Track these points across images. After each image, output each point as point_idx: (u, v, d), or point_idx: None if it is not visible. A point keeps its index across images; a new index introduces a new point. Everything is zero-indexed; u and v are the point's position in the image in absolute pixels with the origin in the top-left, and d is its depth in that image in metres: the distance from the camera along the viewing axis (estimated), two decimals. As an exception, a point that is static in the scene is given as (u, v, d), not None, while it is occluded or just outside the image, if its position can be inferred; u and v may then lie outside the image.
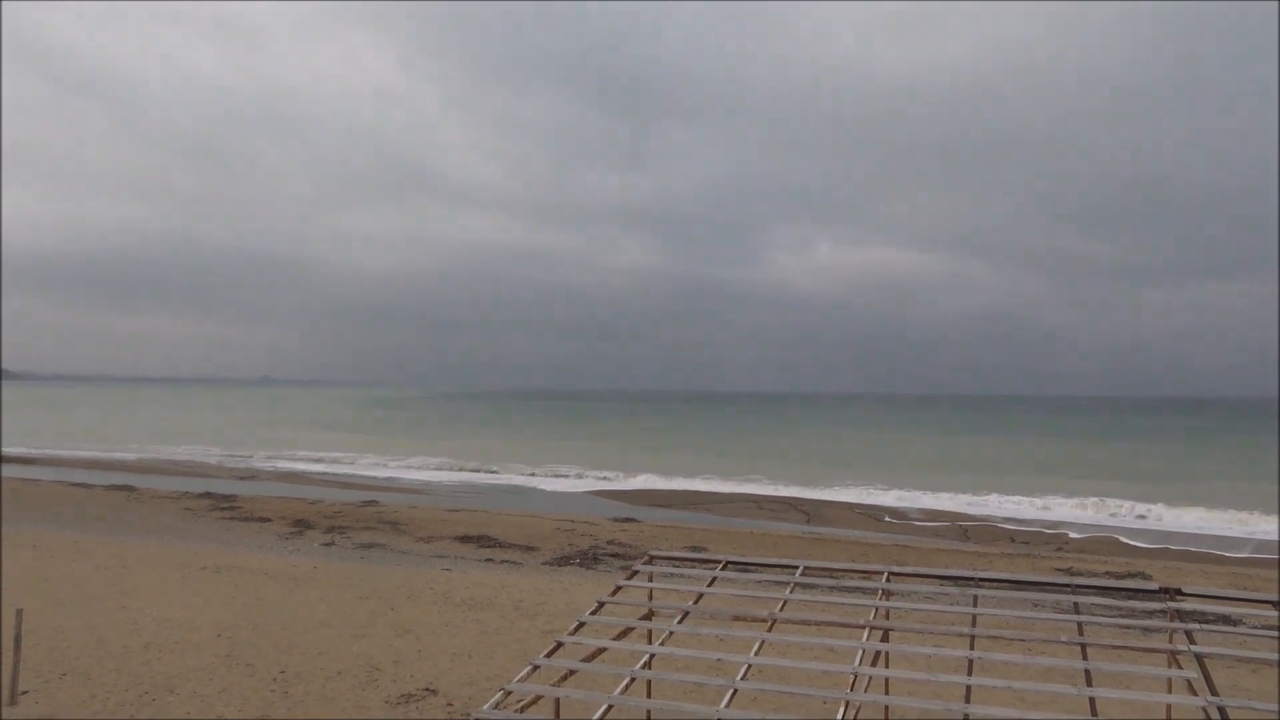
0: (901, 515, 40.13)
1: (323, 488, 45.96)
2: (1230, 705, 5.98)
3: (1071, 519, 39.94)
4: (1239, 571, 26.24)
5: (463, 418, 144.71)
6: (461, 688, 11.98)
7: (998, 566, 24.73)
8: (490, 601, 17.63)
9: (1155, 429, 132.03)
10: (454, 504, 39.16)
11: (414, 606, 16.93)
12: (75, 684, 11.60)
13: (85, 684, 11.62)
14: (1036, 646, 11.78)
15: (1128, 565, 26.30)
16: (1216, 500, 44.40)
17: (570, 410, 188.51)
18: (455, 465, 60.82)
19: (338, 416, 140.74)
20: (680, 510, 40.59)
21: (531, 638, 14.81)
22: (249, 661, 12.87)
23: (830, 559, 25.24)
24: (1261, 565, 28.79)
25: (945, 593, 8.74)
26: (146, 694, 11.31)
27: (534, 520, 32.78)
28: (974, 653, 6.99)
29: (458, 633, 15.04)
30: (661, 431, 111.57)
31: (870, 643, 7.39)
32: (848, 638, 9.12)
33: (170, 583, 18.38)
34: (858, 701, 6.56)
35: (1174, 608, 7.82)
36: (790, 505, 42.56)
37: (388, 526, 29.46)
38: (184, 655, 13.09)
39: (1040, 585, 8.93)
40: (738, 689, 6.62)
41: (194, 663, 12.71)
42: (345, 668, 12.73)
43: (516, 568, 22.90)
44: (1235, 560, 29.96)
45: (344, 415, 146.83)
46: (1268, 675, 13.33)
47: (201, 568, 20.25)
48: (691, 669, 9.38)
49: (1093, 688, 6.43)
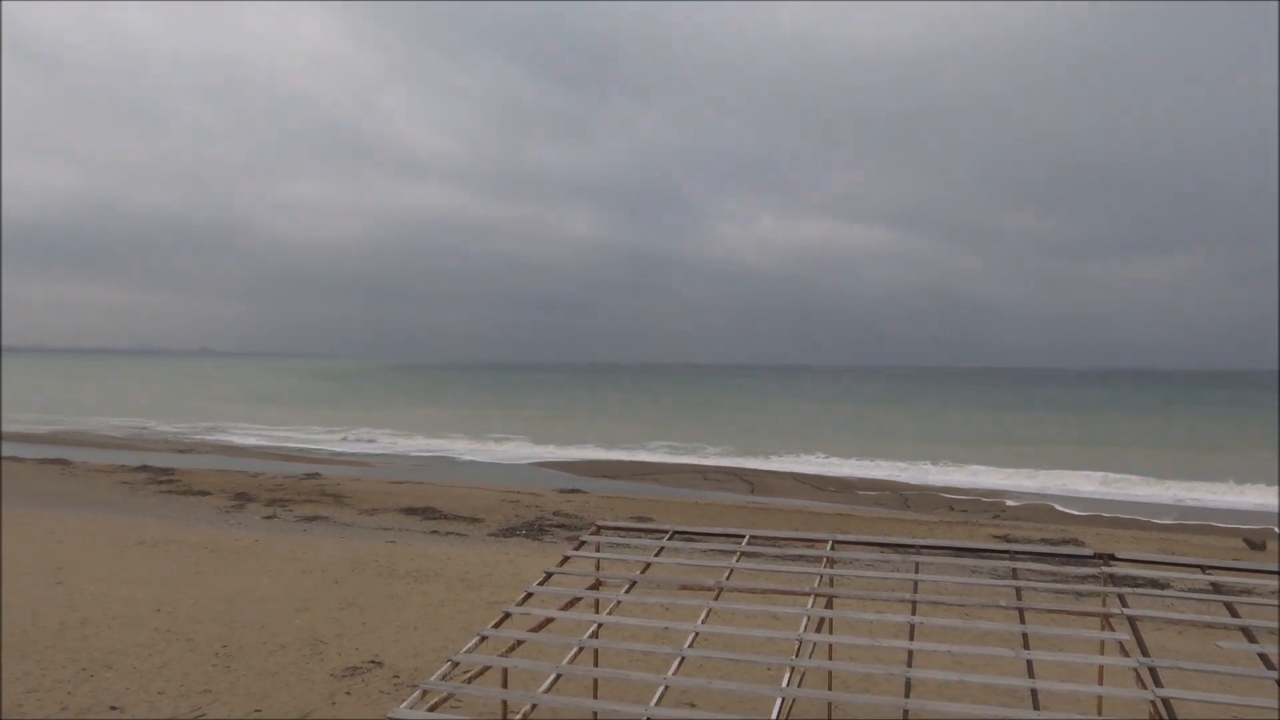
0: (844, 484, 40.71)
1: (264, 460, 45.34)
2: (1160, 666, 6.17)
3: (1008, 487, 40.86)
4: (1167, 537, 27.08)
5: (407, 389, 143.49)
6: (407, 660, 11.94)
7: (938, 534, 25.24)
8: (435, 574, 17.57)
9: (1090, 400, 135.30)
10: (398, 476, 38.88)
11: (358, 579, 16.81)
12: (10, 661, 11.35)
13: (20, 661, 11.37)
14: (975, 611, 12.06)
15: (1062, 532, 26.99)
16: (1146, 468, 45.74)
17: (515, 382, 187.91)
18: (400, 437, 60.36)
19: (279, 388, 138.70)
20: (626, 481, 40.77)
21: (478, 609, 14.80)
22: (189, 636, 12.69)
23: (775, 528, 25.58)
24: (1188, 530, 29.74)
25: (887, 560, 8.91)
26: (84, 670, 11.11)
27: (479, 492, 32.68)
28: (915, 618, 7.13)
29: (403, 605, 14.98)
30: (607, 403, 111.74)
31: (814, 610, 7.50)
32: (792, 605, 9.24)
33: (107, 558, 18.03)
34: (802, 667, 6.66)
35: (1107, 572, 8.05)
36: (735, 475, 42.93)
37: (330, 499, 29.17)
38: (122, 631, 12.87)
39: (979, 552, 9.13)
40: (685, 657, 6.68)
41: (132, 638, 12.50)
42: (288, 641, 12.61)
43: (462, 540, 22.84)
44: (1163, 526, 30.91)
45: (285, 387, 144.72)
46: (1194, 636, 13.81)
47: (139, 542, 19.88)
48: (639, 638, 9.44)
49: (1029, 650, 6.59)
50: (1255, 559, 22.98)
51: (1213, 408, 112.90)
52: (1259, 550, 24.66)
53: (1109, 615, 7.36)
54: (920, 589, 7.88)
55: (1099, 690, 6.22)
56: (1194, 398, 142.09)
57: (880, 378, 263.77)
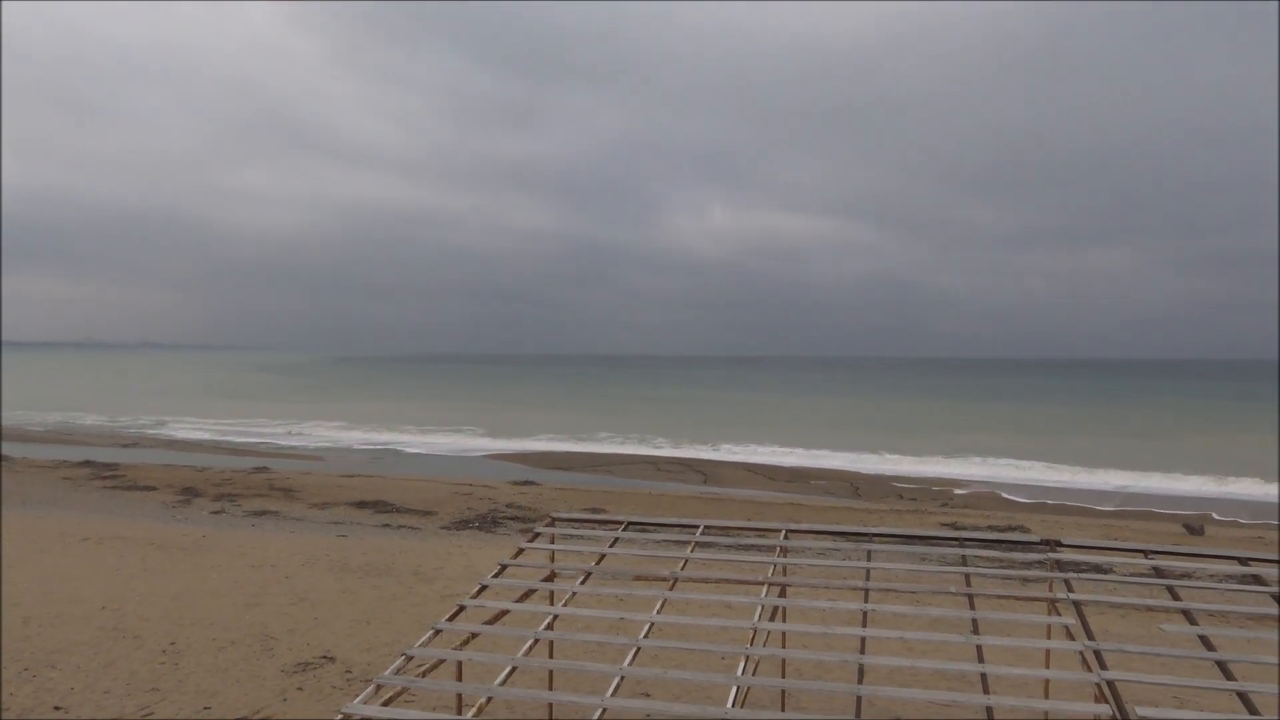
0: (796, 474, 41.06)
1: (210, 455, 44.62)
2: (1105, 649, 6.31)
3: (956, 475, 41.48)
4: (1109, 523, 27.69)
5: (357, 382, 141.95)
6: (361, 654, 11.84)
7: (888, 522, 25.55)
8: (388, 567, 17.44)
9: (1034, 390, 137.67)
10: (348, 469, 38.50)
11: (309, 574, 16.63)
12: (-53, 662, 11.07)
13: (-42, 662, 11.10)
14: (926, 598, 12.23)
15: (1008, 519, 27.47)
16: (1089, 456, 46.71)
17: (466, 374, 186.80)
18: (349, 430, 59.73)
19: (225, 381, 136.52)
20: (579, 472, 40.75)
21: (431, 602, 14.72)
22: (136, 634, 12.47)
23: (728, 518, 25.71)
24: (1129, 516, 30.43)
25: (839, 548, 8.98)
26: (27, 669, 10.87)
27: (431, 485, 32.47)
28: (867, 605, 7.21)
29: (355, 599, 14.84)
30: (560, 394, 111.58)
31: (768, 599, 7.56)
32: (746, 594, 9.30)
33: (50, 555, 17.64)
34: (756, 656, 6.71)
35: (1053, 558, 8.21)
36: (688, 466, 43.10)
37: (280, 493, 28.81)
38: (66, 629, 12.60)
39: (929, 539, 9.26)
40: (640, 647, 6.70)
41: (77, 636, 12.25)
42: (238, 638, 12.44)
43: (414, 533, 22.68)
44: (1105, 513, 31.59)
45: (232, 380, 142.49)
46: (1136, 619, 14.14)
47: (83, 539, 19.47)
48: (594, 629, 9.46)
49: (979, 635, 6.70)
50: (1194, 544, 23.58)
51: (1152, 397, 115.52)
52: (1198, 535, 25.30)
53: (1055, 600, 7.51)
54: (872, 576, 7.97)
55: (1046, 674, 6.35)
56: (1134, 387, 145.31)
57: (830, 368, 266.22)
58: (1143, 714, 5.50)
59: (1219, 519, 30.31)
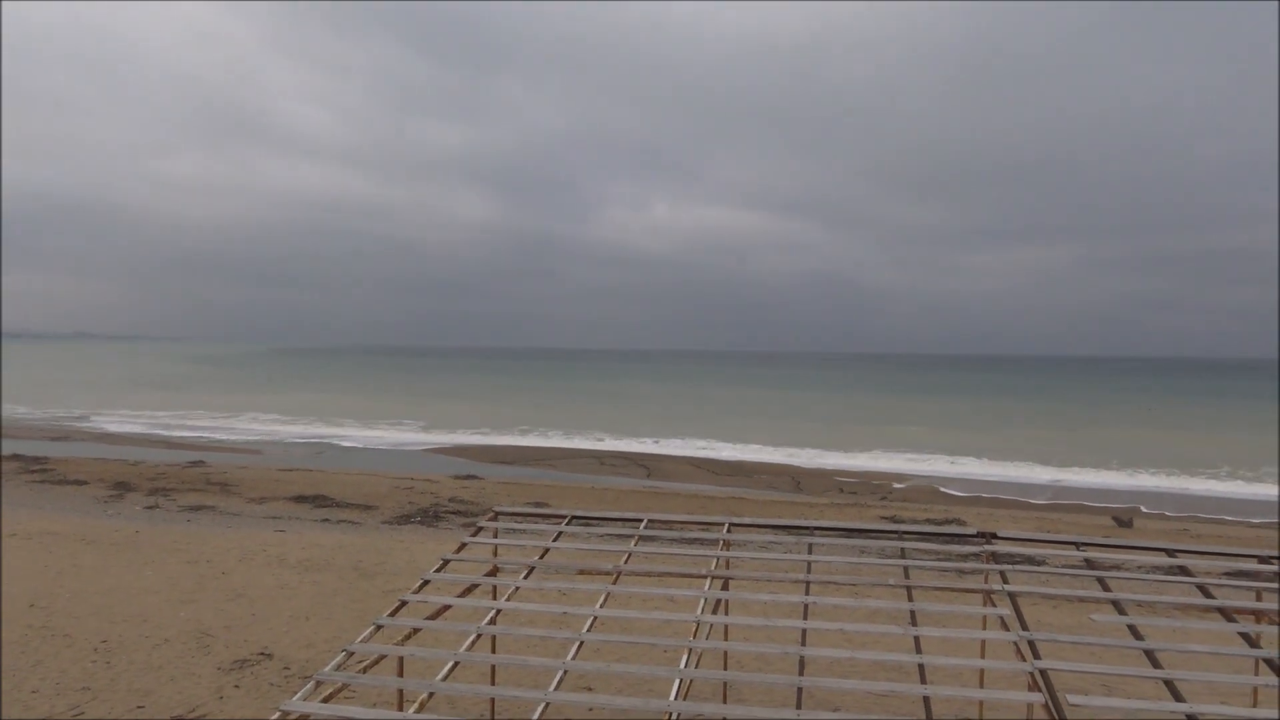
0: (738, 468, 41.34)
1: (144, 448, 43.62)
2: (1038, 639, 6.46)
3: (896, 469, 42.10)
4: (1043, 516, 28.32)
5: (296, 374, 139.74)
6: (300, 650, 11.69)
7: (829, 515, 25.86)
8: (328, 562, 17.22)
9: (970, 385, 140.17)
10: (287, 463, 37.91)
11: (246, 569, 16.36)
12: None
13: (-123, 663, 10.74)
14: (866, 590, 12.42)
15: (946, 512, 27.95)
16: (1024, 451, 47.74)
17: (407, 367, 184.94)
18: (288, 423, 58.82)
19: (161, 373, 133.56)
20: (523, 466, 40.60)
21: (372, 598, 14.57)
22: (66, 632, 12.17)
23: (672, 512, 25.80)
24: (1062, 509, 31.16)
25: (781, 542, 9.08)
26: (-51, 670, 10.56)
27: (372, 479, 32.11)
28: (808, 598, 7.30)
29: (294, 595, 14.64)
30: (503, 388, 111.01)
31: (711, 592, 7.61)
32: (690, 587, 9.36)
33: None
34: (699, 648, 6.76)
35: (989, 550, 8.38)
36: (631, 460, 43.17)
37: (216, 488, 28.28)
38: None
39: (869, 532, 9.40)
40: (583, 641, 6.71)
41: (4, 635, 11.92)
42: (173, 635, 12.21)
43: (355, 527, 22.43)
44: (1039, 506, 32.30)
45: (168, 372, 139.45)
46: (1068, 610, 14.49)
47: (10, 534, 18.94)
48: (537, 623, 9.43)
49: (917, 627, 6.82)
50: (1124, 536, 24.23)
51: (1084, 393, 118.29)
52: (1127, 527, 25.99)
53: (991, 592, 7.67)
54: (813, 569, 8.07)
55: (982, 663, 6.48)
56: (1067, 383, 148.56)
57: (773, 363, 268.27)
58: (1073, 702, 5.65)
59: (1147, 512, 31.15)
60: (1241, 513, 31.34)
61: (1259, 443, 53.64)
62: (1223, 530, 26.43)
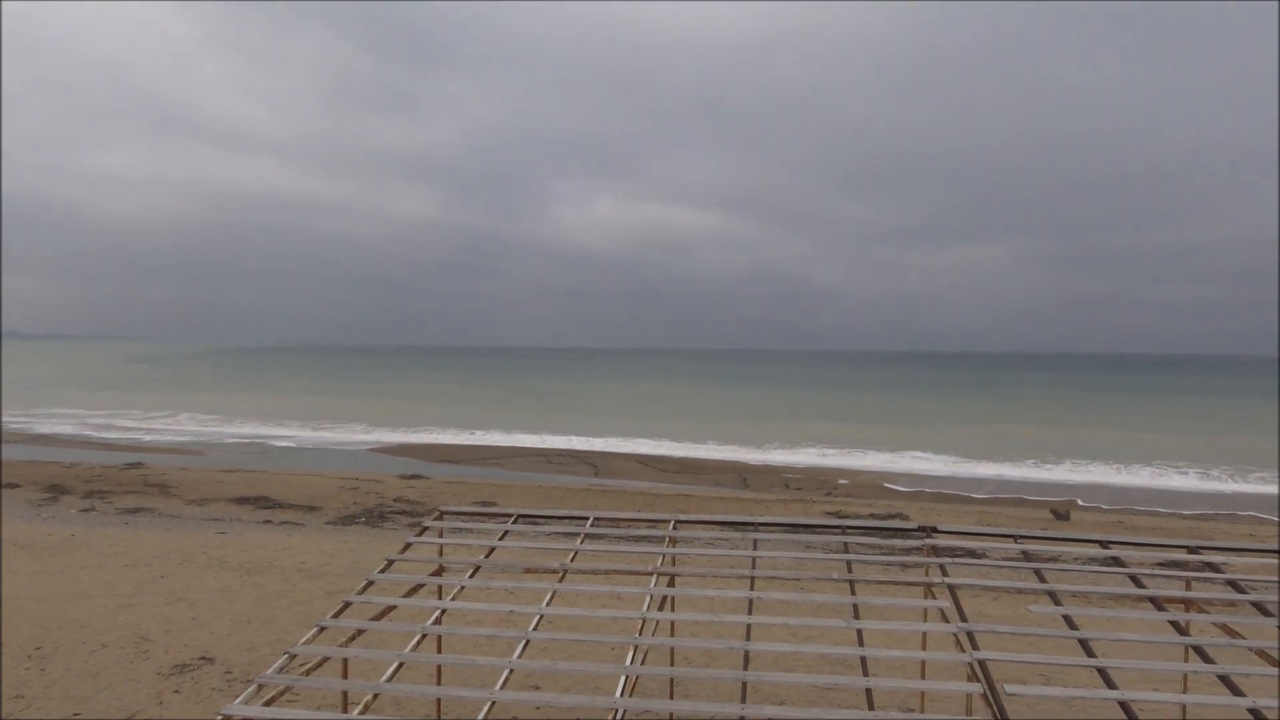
0: (685, 465, 41.49)
1: (79, 449, 42.58)
2: (977, 630, 6.59)
3: (840, 465, 42.54)
4: (983, 510, 28.83)
5: (236, 374, 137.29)
6: (241, 654, 11.52)
7: (775, 511, 26.07)
8: (270, 564, 16.99)
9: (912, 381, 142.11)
10: (228, 464, 37.25)
11: (186, 572, 16.08)
12: None
13: None
14: (810, 585, 12.55)
15: (890, 507, 28.34)
16: (965, 446, 48.56)
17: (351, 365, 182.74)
18: (230, 424, 57.80)
19: (96, 373, 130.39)
20: (469, 466, 40.36)
21: (316, 600, 14.41)
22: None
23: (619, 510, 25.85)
24: (1001, 503, 31.74)
25: (727, 538, 9.15)
26: (-125, 680, 10.24)
27: (316, 479, 31.70)
28: (753, 593, 7.37)
29: (236, 598, 14.43)
30: (448, 386, 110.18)
31: (657, 588, 7.65)
32: (636, 585, 9.39)
33: (-101, 558, 16.62)
34: (645, 645, 6.80)
35: (930, 544, 8.53)
36: (578, 458, 43.11)
37: (155, 489, 27.72)
38: (-81, 636, 11.91)
39: (813, 528, 9.51)
40: (530, 640, 6.71)
41: (-69, 644, 11.59)
42: (110, 640, 11.96)
43: (298, 529, 22.14)
44: (980, 500, 32.87)
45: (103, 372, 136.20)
46: (1008, 601, 14.79)
47: (-63, 540, 18.42)
48: (483, 622, 9.41)
49: (859, 620, 6.93)
50: (1060, 528, 24.76)
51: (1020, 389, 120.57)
52: (1064, 520, 26.56)
53: (932, 585, 7.80)
54: (758, 565, 8.15)
55: (922, 655, 6.60)
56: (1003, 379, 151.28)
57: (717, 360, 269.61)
58: (1011, 691, 5.78)
59: (1084, 505, 31.86)
60: (1174, 504, 32.19)
61: (1189, 436, 55.18)
62: (1156, 522, 27.14)
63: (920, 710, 8.86)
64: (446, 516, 9.37)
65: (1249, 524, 27.90)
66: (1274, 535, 24.54)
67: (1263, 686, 9.55)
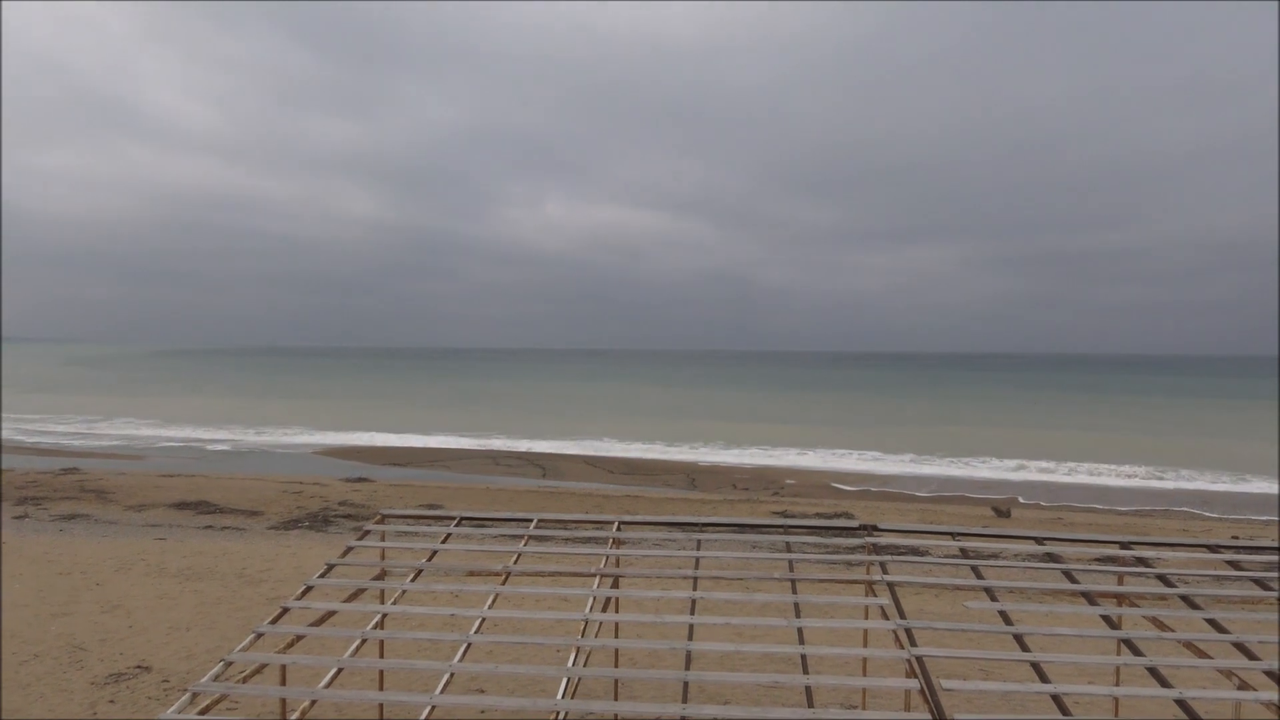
0: (635, 466, 41.54)
1: (12, 455, 41.48)
2: (915, 627, 6.69)
3: (789, 465, 42.88)
4: (927, 508, 29.23)
5: (178, 377, 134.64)
6: (179, 662, 11.31)
7: (721, 512, 26.19)
8: (210, 570, 16.70)
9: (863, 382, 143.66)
10: (168, 469, 36.55)
11: (124, 580, 15.75)
12: None
13: None
14: (754, 584, 12.63)
15: (835, 506, 28.62)
16: (912, 445, 49.22)
17: (296, 367, 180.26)
18: (170, 428, 56.69)
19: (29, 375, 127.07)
20: (416, 468, 40.01)
21: (257, 606, 14.19)
22: (-77, 651, 11.53)
23: (566, 511, 25.80)
24: (945, 501, 32.22)
25: (673, 539, 9.18)
26: None
27: (258, 483, 31.21)
28: (697, 593, 7.41)
29: (174, 605, 14.16)
30: (396, 388, 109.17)
31: (601, 590, 7.66)
32: (579, 586, 9.38)
33: None
34: (588, 647, 6.80)
35: (871, 542, 8.63)
36: (527, 460, 42.96)
37: (92, 495, 27.09)
38: None
39: (756, 527, 9.57)
40: (472, 643, 6.68)
41: None
42: (44, 650, 11.68)
43: (240, 534, 21.78)
44: (924, 498, 33.33)
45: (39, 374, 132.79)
46: (947, 598, 15.01)
47: None
48: (425, 626, 9.34)
49: (801, 619, 6.99)
50: (1001, 525, 25.19)
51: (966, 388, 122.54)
52: (1005, 517, 27.03)
53: (872, 582, 7.90)
54: (702, 565, 8.18)
55: (863, 652, 6.68)
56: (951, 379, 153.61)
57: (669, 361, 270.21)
58: (947, 687, 5.87)
59: (1024, 502, 32.46)
60: (1112, 501, 32.91)
61: (1129, 435, 56.48)
62: (1093, 518, 27.74)
63: (861, 707, 8.96)
64: (389, 520, 9.29)
65: (1181, 519, 28.63)
66: (1203, 530, 25.21)
67: (1191, 678, 9.82)
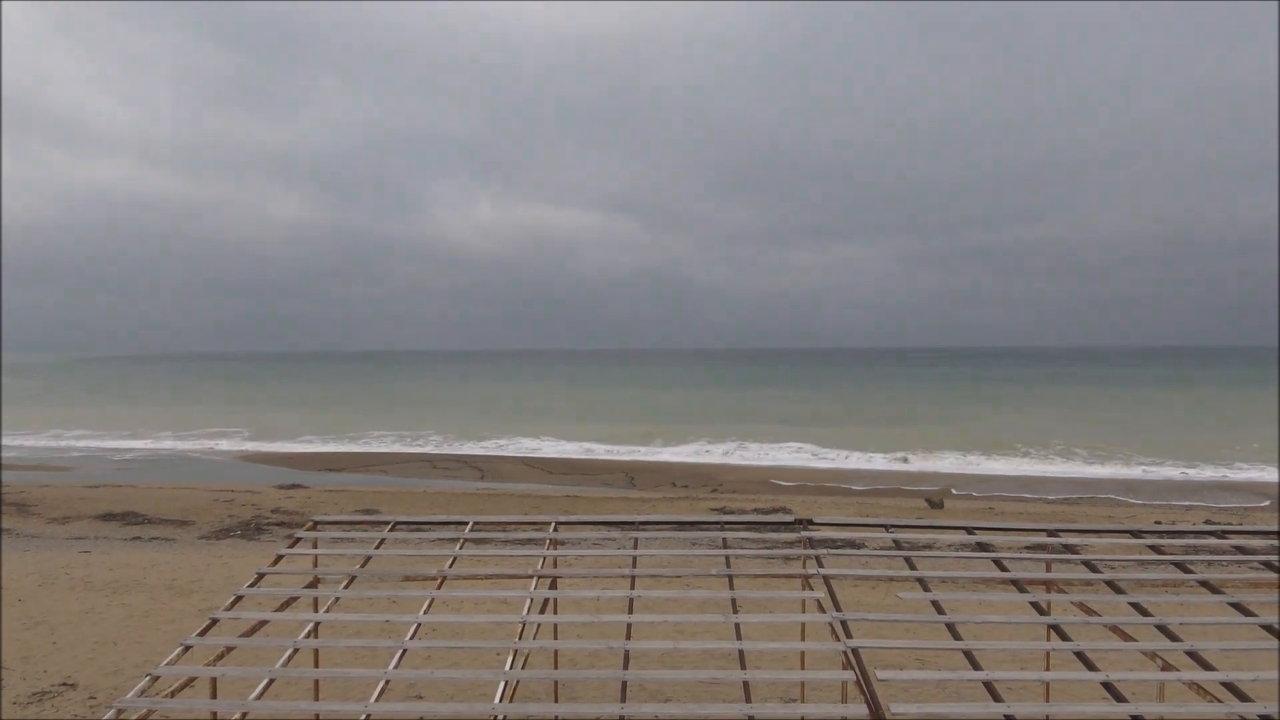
0: (573, 466, 41.46)
1: (-73, 469, 40.02)
2: (850, 619, 6.77)
3: (727, 462, 43.18)
4: (863, 501, 29.64)
5: (103, 385, 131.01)
6: (106, 678, 11.00)
7: (660, 510, 26.24)
8: (138, 583, 16.28)
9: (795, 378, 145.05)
10: (93, 479, 35.54)
11: (47, 595, 15.28)
12: None
13: None
14: (692, 581, 12.65)
15: (773, 501, 28.86)
16: (847, 440, 49.85)
17: (228, 372, 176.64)
18: (96, 438, 55.15)
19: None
20: (351, 473, 39.48)
21: (187, 618, 13.86)
22: None
23: (504, 513, 25.63)
24: (880, 494, 32.71)
25: (610, 538, 9.16)
26: None
27: (188, 492, 30.52)
28: (635, 592, 7.41)
29: (100, 619, 13.77)
30: (329, 392, 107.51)
31: (539, 591, 7.62)
32: (517, 588, 9.32)
33: None
34: (527, 649, 6.76)
35: (807, 536, 8.71)
36: (464, 463, 42.64)
37: (13, 508, 26.23)
38: None
39: (694, 525, 9.61)
40: (407, 649, 6.60)
41: None
42: (-39, 671, 11.27)
43: (169, 544, 21.27)
44: (860, 492, 33.79)
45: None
46: (883, 590, 15.22)
47: None
48: (361, 633, 9.21)
49: (738, 614, 7.03)
50: (934, 517, 25.64)
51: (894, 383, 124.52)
52: (938, 508, 27.53)
53: (808, 576, 7.98)
54: (640, 563, 8.19)
55: (800, 646, 6.75)
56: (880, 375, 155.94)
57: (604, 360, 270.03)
58: (882, 677, 5.96)
59: (957, 493, 33.07)
60: (1040, 490, 33.70)
61: (1055, 424, 57.88)
62: (1023, 507, 28.37)
63: (800, 700, 9.04)
64: (321, 526, 9.14)
65: (1107, 506, 29.42)
66: (1128, 516, 25.94)
67: (1117, 661, 10.07)
